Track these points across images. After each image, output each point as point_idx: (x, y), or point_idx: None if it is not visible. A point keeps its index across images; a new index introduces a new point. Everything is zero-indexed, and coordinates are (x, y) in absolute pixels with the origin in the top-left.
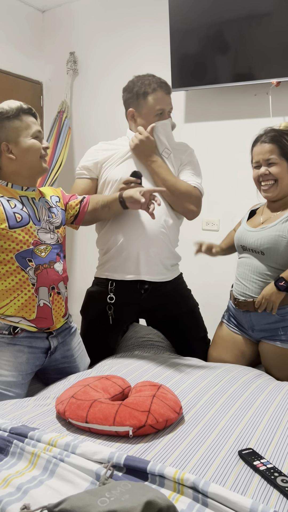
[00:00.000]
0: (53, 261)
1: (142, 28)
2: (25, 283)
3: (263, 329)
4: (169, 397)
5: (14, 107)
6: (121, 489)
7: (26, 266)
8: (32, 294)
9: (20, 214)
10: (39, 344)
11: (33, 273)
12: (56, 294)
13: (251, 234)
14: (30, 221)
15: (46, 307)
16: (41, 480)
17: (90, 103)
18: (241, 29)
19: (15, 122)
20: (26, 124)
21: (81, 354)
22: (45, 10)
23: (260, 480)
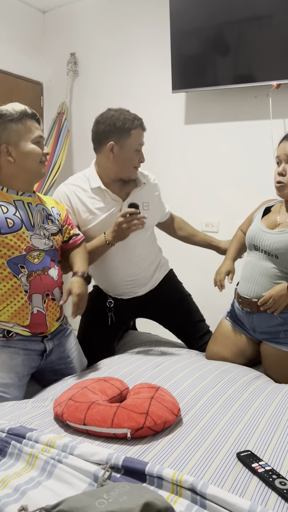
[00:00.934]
0: (47, 267)
1: (142, 29)
2: (18, 290)
3: (265, 331)
4: (167, 399)
5: (19, 110)
6: (119, 490)
7: (18, 273)
8: (25, 302)
9: (12, 219)
10: (34, 346)
11: (26, 279)
12: (51, 300)
13: (267, 236)
14: (23, 227)
15: (40, 314)
16: (39, 481)
17: (90, 104)
18: (242, 31)
19: (18, 125)
20: (28, 128)
21: (77, 355)
22: (46, 11)
23: (258, 482)
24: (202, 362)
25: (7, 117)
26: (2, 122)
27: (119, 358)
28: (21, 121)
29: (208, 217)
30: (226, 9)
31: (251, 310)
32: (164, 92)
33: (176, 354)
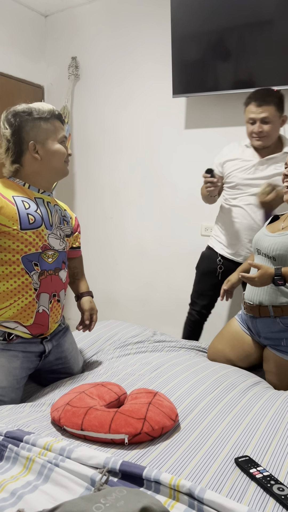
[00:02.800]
0: (59, 268)
1: (144, 34)
2: (27, 287)
3: (268, 337)
4: (165, 404)
5: (47, 109)
6: (116, 495)
7: (31, 270)
8: (33, 300)
9: (33, 216)
10: (34, 348)
11: (37, 278)
12: (56, 301)
13: (267, 239)
14: (43, 224)
15: (44, 314)
16: (36, 485)
17: (91, 108)
18: (242, 37)
19: (47, 124)
20: (55, 128)
21: (74, 353)
22: (47, 15)
23: (256, 488)
24: (201, 366)
25: (37, 115)
26: (32, 120)
27: (117, 361)
28: (50, 121)
29: (208, 221)
30: (227, 14)
31: (254, 315)
32: (164, 96)
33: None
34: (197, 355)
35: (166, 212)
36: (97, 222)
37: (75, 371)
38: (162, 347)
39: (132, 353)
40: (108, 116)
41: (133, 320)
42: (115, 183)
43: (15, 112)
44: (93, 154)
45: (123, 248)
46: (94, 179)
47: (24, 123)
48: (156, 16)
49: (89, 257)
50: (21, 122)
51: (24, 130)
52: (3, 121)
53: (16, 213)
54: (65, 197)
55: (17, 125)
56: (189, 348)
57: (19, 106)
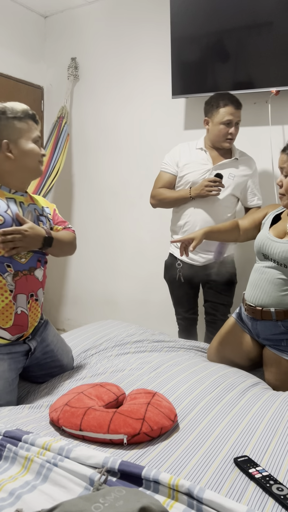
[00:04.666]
0: (34, 267)
1: (143, 35)
2: (2, 289)
3: (268, 338)
4: (164, 405)
5: (21, 109)
6: (115, 495)
7: (3, 272)
8: (10, 301)
9: (2, 217)
10: (18, 349)
11: (11, 279)
12: (34, 301)
13: (275, 245)
14: (13, 225)
15: (23, 315)
16: (34, 485)
17: (90, 109)
18: (241, 38)
19: (20, 123)
20: (29, 127)
21: (60, 345)
22: (47, 16)
23: (255, 488)
24: (200, 366)
25: (10, 114)
26: (5, 119)
27: (116, 360)
28: (23, 120)
29: None
30: (226, 16)
31: (255, 317)
32: (164, 97)
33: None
34: (196, 355)
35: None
36: (96, 223)
37: (64, 362)
38: (161, 347)
39: (131, 353)
40: (107, 117)
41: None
42: (114, 184)
43: None
44: (92, 154)
45: (122, 248)
46: (94, 180)
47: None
48: (156, 17)
49: (88, 257)
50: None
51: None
52: None
53: None
54: (64, 198)
55: None
56: (188, 348)
57: None
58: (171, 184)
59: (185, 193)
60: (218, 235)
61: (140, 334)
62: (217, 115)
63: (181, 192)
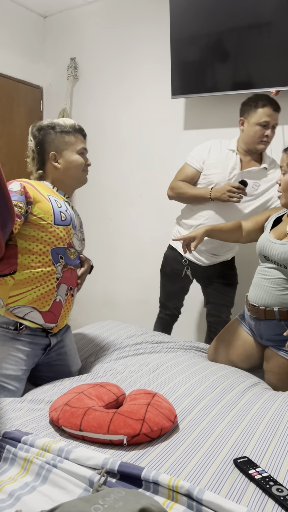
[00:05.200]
0: (77, 265)
1: (143, 35)
2: (51, 276)
3: (271, 339)
4: (164, 406)
5: (69, 124)
6: (114, 496)
7: (57, 261)
8: (53, 288)
9: (64, 214)
10: (40, 341)
11: (61, 269)
12: (71, 295)
13: (275, 246)
14: (71, 224)
15: (59, 304)
16: (34, 486)
17: (90, 109)
18: (241, 38)
19: (67, 136)
20: (75, 140)
21: (73, 351)
22: (46, 16)
23: (255, 489)
24: (200, 366)
25: (59, 129)
26: (54, 133)
27: (116, 363)
28: (70, 134)
29: None
30: (226, 16)
31: (258, 318)
32: (163, 97)
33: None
34: (196, 355)
35: (165, 213)
36: (96, 223)
37: (72, 370)
38: (160, 348)
39: (131, 355)
40: (107, 117)
41: (132, 321)
42: (114, 184)
43: (40, 126)
44: (92, 155)
45: (122, 249)
46: (94, 180)
47: (47, 136)
48: (155, 18)
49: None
50: (44, 134)
51: (46, 142)
52: (30, 134)
53: (51, 209)
54: None
55: (40, 138)
56: (188, 349)
57: (44, 121)
58: (192, 179)
59: (205, 193)
60: (219, 234)
61: (140, 335)
62: (254, 116)
63: (201, 190)
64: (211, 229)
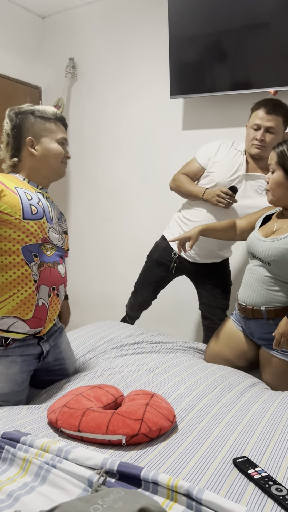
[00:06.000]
0: (57, 262)
1: (141, 35)
2: (27, 278)
3: (262, 337)
4: (163, 406)
5: (51, 111)
6: (114, 496)
7: (30, 261)
8: (33, 292)
9: (35, 207)
10: (32, 351)
11: (37, 269)
12: (55, 295)
13: (261, 244)
14: (44, 217)
15: (43, 307)
16: (33, 486)
17: (88, 109)
18: (240, 39)
19: (47, 123)
20: (55, 128)
21: (70, 354)
22: (45, 16)
23: (254, 489)
24: (198, 367)
25: (39, 114)
26: (33, 117)
27: (114, 362)
28: (51, 120)
29: None
30: (224, 16)
31: (247, 317)
32: (162, 97)
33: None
34: (195, 356)
35: (164, 214)
36: (94, 224)
37: (70, 371)
38: (159, 348)
39: (129, 354)
40: (105, 117)
41: None
42: (112, 185)
43: (18, 110)
44: (90, 155)
45: (120, 249)
46: (92, 181)
47: (25, 120)
48: (154, 18)
49: (86, 258)
50: (22, 118)
51: (24, 126)
52: (6, 116)
53: (19, 202)
54: (62, 198)
55: (18, 121)
56: (187, 349)
57: (24, 105)
58: (195, 174)
59: (199, 192)
60: (214, 233)
61: (138, 335)
62: (250, 119)
63: (197, 188)
64: (206, 228)
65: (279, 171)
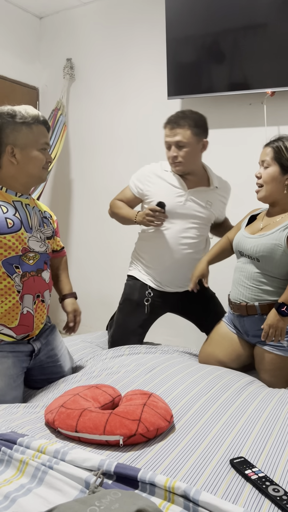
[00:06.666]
0: (41, 269)
1: (139, 36)
2: (10, 290)
3: (256, 334)
4: (160, 406)
5: (32, 114)
6: (111, 497)
7: (12, 273)
8: (17, 302)
9: (12, 220)
10: (22, 348)
11: (19, 280)
12: (41, 302)
13: (248, 241)
14: (22, 228)
15: (29, 315)
16: (29, 488)
17: (86, 109)
18: (237, 39)
19: (28, 129)
20: (37, 134)
21: (64, 352)
22: (42, 17)
23: (251, 489)
24: (195, 367)
25: (20, 119)
26: (13, 123)
27: (111, 362)
28: (32, 126)
29: None
30: (222, 17)
31: (241, 314)
32: (159, 98)
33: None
34: (191, 358)
35: None
36: (92, 224)
37: (66, 370)
38: (155, 350)
39: (126, 355)
40: (103, 117)
41: None
42: (110, 185)
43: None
44: (88, 155)
45: (118, 250)
46: (90, 181)
47: (5, 125)
48: (151, 18)
49: (84, 258)
50: (2, 124)
51: (4, 133)
52: None
53: None
54: (61, 199)
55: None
56: (182, 352)
57: (4, 107)
58: (129, 202)
59: (132, 215)
60: (217, 259)
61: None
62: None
63: (130, 212)
64: (210, 259)
65: (275, 166)
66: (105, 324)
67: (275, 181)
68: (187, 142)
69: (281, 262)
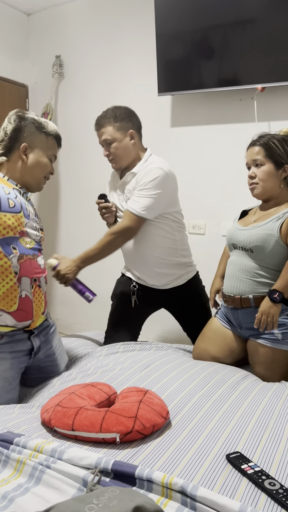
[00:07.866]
0: (36, 254)
1: (128, 32)
2: (7, 271)
3: (250, 327)
4: (156, 402)
5: (52, 128)
6: (109, 495)
7: (9, 253)
8: (14, 284)
9: (13, 201)
10: (22, 347)
11: (17, 261)
12: (38, 287)
13: (241, 233)
14: (22, 212)
15: (27, 299)
16: (27, 487)
17: (76, 106)
18: (226, 35)
19: (45, 137)
20: (51, 145)
21: (61, 352)
22: (30, 13)
23: (248, 484)
24: (190, 363)
25: (43, 128)
26: (35, 128)
27: (106, 359)
28: (49, 137)
29: (194, 219)
30: (211, 13)
31: (235, 307)
32: (150, 94)
33: (163, 355)
34: (185, 355)
35: None
36: (83, 222)
37: (61, 369)
38: (150, 347)
39: (120, 352)
40: (93, 114)
41: None
42: (101, 183)
43: (24, 116)
44: (78, 153)
45: None
46: (80, 179)
47: (27, 127)
48: (140, 14)
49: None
50: (26, 125)
51: (24, 132)
52: (10, 116)
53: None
54: (51, 197)
55: (20, 126)
56: (176, 348)
57: (30, 114)
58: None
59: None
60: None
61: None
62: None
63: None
64: (221, 274)
65: (269, 164)
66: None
67: (272, 177)
68: (113, 138)
69: (274, 252)
